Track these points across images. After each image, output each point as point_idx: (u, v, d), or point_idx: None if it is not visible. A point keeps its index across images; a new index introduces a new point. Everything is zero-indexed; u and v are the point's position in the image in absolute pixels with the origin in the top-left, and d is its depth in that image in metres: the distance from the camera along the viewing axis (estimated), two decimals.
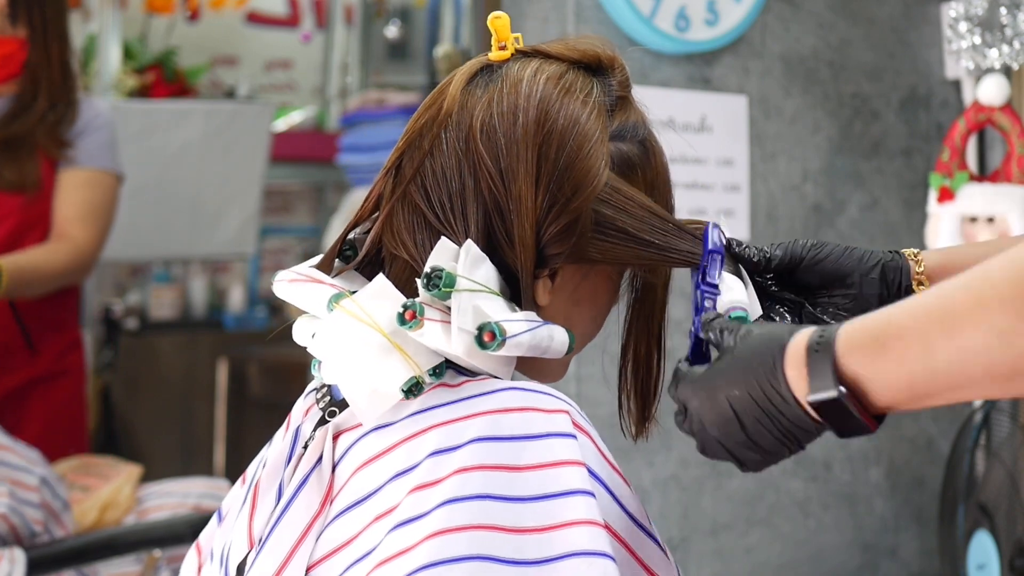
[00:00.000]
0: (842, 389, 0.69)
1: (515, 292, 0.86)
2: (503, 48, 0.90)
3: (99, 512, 1.93)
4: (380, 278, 0.84)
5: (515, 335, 0.80)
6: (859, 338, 0.70)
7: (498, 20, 0.89)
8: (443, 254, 0.83)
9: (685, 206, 2.12)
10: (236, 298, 3.99)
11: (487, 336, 0.80)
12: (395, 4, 4.52)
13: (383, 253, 0.90)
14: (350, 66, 4.58)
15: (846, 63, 2.37)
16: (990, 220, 2.10)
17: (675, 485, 2.17)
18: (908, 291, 0.89)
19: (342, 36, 4.64)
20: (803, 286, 0.92)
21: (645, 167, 0.90)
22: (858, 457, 2.37)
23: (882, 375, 0.69)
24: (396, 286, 0.84)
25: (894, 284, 0.90)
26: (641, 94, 0.94)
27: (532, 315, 0.84)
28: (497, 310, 0.82)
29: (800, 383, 0.71)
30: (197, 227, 3.40)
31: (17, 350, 2.18)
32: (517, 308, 0.85)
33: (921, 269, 0.90)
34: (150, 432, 3.60)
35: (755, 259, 0.91)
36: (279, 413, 0.91)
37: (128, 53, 3.98)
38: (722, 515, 2.23)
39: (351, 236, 0.92)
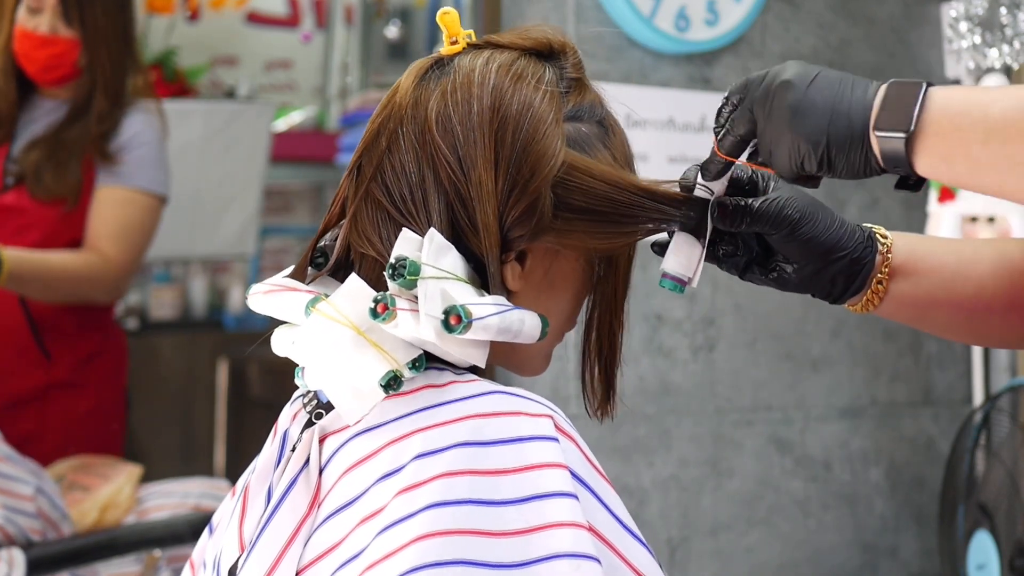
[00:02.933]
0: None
1: (485, 280, 0.86)
2: (454, 43, 0.91)
3: (99, 512, 1.92)
4: (352, 278, 0.84)
5: (481, 317, 0.80)
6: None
7: (447, 16, 0.90)
8: (407, 245, 0.83)
9: None
10: (236, 298, 3.98)
11: (453, 319, 0.80)
12: (395, 4, 4.52)
13: (352, 255, 0.90)
14: (350, 66, 4.59)
15: (846, 63, 2.37)
16: (990, 220, 2.09)
17: (675, 485, 2.17)
18: (862, 281, 0.97)
19: (342, 36, 4.64)
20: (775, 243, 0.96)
21: (606, 144, 0.92)
22: (858, 457, 2.37)
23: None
24: (368, 284, 0.84)
25: (856, 275, 0.97)
26: (641, 94, 0.95)
27: (501, 299, 0.84)
28: (464, 295, 0.82)
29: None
30: (197, 227, 3.40)
31: (30, 355, 2.13)
32: (486, 295, 0.85)
33: (887, 267, 0.97)
34: (150, 432, 3.59)
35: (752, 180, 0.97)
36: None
37: None
38: (722, 515, 2.22)
39: (321, 243, 0.92)
